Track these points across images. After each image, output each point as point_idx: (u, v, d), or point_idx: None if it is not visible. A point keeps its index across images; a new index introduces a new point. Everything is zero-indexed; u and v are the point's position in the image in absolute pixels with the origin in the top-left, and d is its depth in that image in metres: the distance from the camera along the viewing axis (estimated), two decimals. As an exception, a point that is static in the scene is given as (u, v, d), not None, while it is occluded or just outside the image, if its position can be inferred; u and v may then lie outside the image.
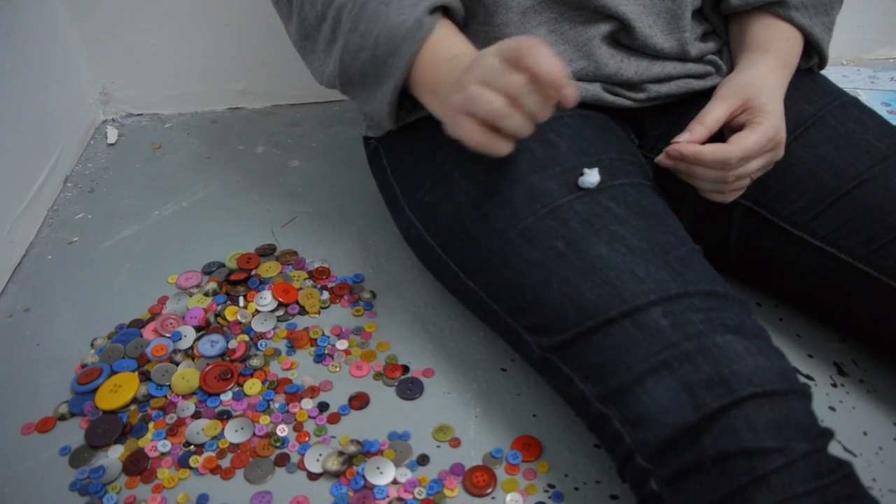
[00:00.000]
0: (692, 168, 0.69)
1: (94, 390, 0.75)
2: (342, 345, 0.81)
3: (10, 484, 0.68)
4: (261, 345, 0.80)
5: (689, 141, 0.68)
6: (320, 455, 0.69)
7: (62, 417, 0.73)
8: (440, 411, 0.74)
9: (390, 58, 0.64)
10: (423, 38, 0.63)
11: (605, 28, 0.73)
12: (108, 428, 0.72)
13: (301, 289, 0.87)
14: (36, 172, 1.02)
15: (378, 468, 0.68)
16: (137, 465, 0.69)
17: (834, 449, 0.62)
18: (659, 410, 0.55)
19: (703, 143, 0.69)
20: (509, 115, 0.57)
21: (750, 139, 0.67)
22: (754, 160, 0.68)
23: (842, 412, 0.73)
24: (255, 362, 0.78)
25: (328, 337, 0.82)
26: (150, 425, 0.72)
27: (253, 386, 0.75)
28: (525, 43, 0.55)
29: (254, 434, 0.71)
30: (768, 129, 0.68)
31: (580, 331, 0.61)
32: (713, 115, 0.69)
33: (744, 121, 0.69)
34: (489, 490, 0.66)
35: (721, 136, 0.70)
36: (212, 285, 0.86)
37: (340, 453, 0.69)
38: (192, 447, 0.71)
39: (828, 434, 0.53)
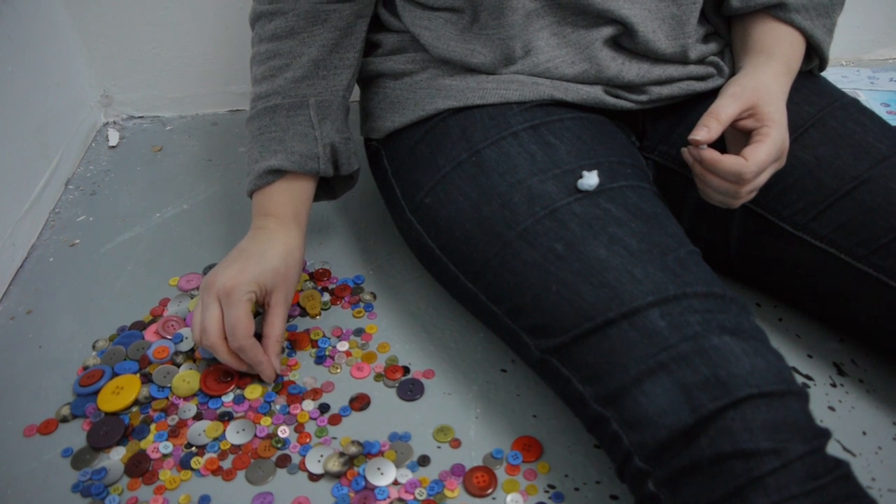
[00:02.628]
0: (706, 174, 0.69)
1: (96, 392, 0.75)
2: (343, 346, 0.81)
3: (12, 485, 0.68)
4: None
5: (707, 138, 0.67)
6: (321, 456, 0.69)
7: (64, 419, 0.74)
8: (441, 412, 0.74)
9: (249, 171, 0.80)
10: (254, 188, 0.79)
11: (607, 31, 0.73)
12: (110, 429, 0.72)
13: (302, 290, 0.88)
14: (37, 175, 1.03)
15: (379, 469, 0.68)
16: (139, 467, 0.69)
17: (833, 448, 0.62)
18: (656, 412, 0.55)
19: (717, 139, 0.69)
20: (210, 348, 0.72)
21: (762, 152, 0.67)
22: (765, 173, 0.69)
23: (841, 412, 0.73)
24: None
25: (329, 338, 0.82)
26: (152, 427, 0.72)
27: (253, 391, 0.75)
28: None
29: (255, 435, 0.71)
30: (777, 140, 0.68)
31: (578, 332, 0.61)
32: (727, 111, 0.68)
33: (750, 126, 0.69)
34: (490, 490, 0.67)
35: (720, 136, 0.70)
36: (213, 287, 0.87)
37: (341, 454, 0.69)
38: (193, 448, 0.71)
39: (825, 434, 0.54)
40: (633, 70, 0.76)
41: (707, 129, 0.68)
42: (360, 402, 0.75)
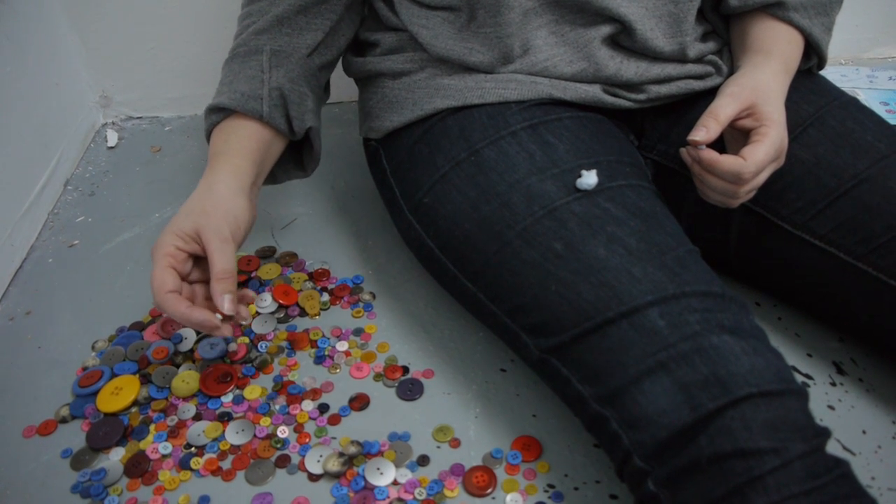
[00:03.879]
0: (705, 174, 0.70)
1: (95, 393, 0.75)
2: (342, 346, 0.81)
3: (11, 486, 0.68)
4: (261, 346, 0.80)
5: (706, 139, 0.67)
6: (321, 456, 0.69)
7: (63, 420, 0.74)
8: (440, 412, 0.74)
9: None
10: (205, 133, 0.79)
11: (605, 30, 0.73)
12: (110, 430, 0.72)
13: (301, 290, 0.87)
14: (36, 176, 1.03)
15: (378, 469, 0.68)
16: (138, 468, 0.69)
17: (833, 448, 0.62)
18: (656, 411, 0.55)
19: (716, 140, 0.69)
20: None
21: (760, 152, 0.67)
22: (763, 172, 0.69)
23: (841, 411, 0.73)
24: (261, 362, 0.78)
25: (328, 338, 0.82)
26: (151, 427, 0.72)
27: (253, 391, 0.75)
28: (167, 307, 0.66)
29: (254, 435, 0.71)
30: (775, 140, 0.68)
31: (578, 332, 0.61)
32: (726, 112, 0.68)
33: (748, 125, 0.69)
34: (489, 490, 0.67)
35: (719, 135, 0.70)
36: (212, 287, 0.87)
37: (341, 454, 0.69)
38: (192, 449, 0.71)
39: (825, 434, 0.54)
40: (632, 69, 0.76)
41: (706, 129, 0.68)
42: (359, 402, 0.75)
